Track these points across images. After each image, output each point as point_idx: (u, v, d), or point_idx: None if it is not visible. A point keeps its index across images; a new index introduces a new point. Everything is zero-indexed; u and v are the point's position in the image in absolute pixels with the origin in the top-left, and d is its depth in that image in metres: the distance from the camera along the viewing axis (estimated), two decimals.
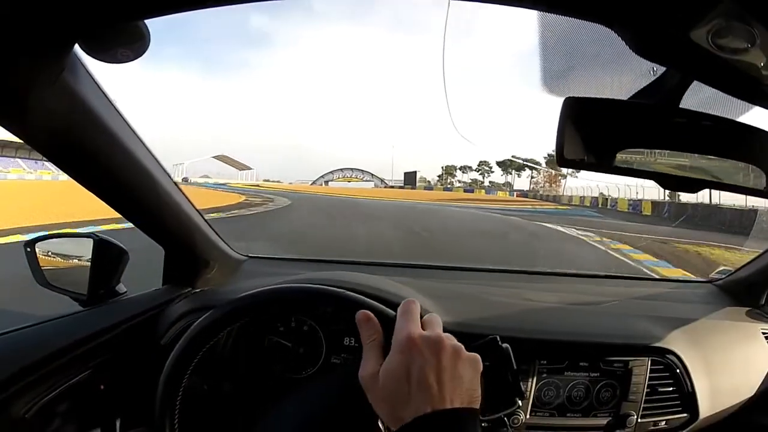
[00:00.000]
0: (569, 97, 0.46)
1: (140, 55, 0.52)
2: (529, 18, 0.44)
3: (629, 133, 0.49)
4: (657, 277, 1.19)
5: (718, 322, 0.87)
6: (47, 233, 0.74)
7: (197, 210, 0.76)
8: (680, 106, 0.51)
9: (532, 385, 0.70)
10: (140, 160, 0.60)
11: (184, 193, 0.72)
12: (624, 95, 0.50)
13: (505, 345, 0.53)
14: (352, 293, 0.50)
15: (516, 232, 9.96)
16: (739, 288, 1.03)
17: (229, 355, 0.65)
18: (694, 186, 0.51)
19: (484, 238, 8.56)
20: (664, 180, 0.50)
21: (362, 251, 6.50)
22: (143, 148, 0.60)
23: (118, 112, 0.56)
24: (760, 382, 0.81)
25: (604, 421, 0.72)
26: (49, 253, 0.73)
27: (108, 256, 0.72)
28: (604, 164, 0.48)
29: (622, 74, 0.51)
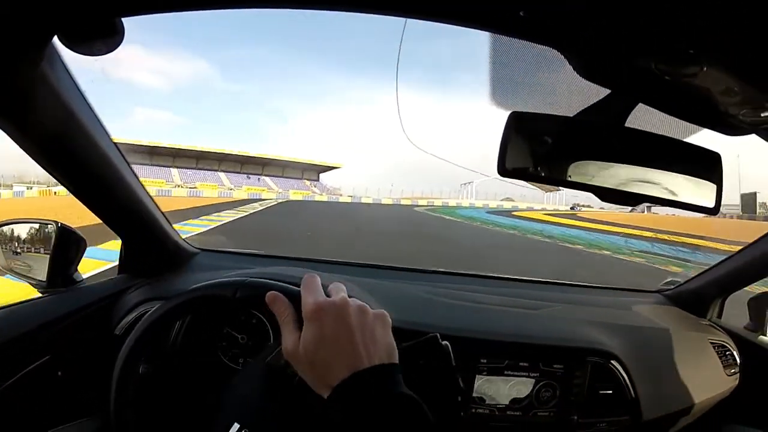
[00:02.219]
0: (515, 111, 0.51)
1: (113, 50, 0.57)
2: (482, 36, 0.50)
3: (573, 148, 0.54)
4: (607, 285, 1.24)
5: (665, 331, 0.93)
6: (9, 219, 0.77)
7: (155, 203, 0.81)
8: (626, 125, 0.57)
9: (473, 383, 0.74)
10: (106, 152, 0.64)
11: (143, 187, 0.76)
12: (571, 112, 0.56)
13: (444, 342, 0.57)
14: (278, 283, 0.54)
15: None
16: (687, 299, 1.10)
17: (181, 343, 0.69)
18: (634, 199, 0.56)
19: None
20: (603, 193, 0.55)
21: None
22: (110, 142, 0.64)
23: (89, 105, 0.60)
24: (710, 390, 0.87)
25: (544, 420, 0.77)
26: (9, 238, 0.77)
27: (68, 243, 0.75)
28: (544, 176, 0.53)
29: (569, 93, 0.57)
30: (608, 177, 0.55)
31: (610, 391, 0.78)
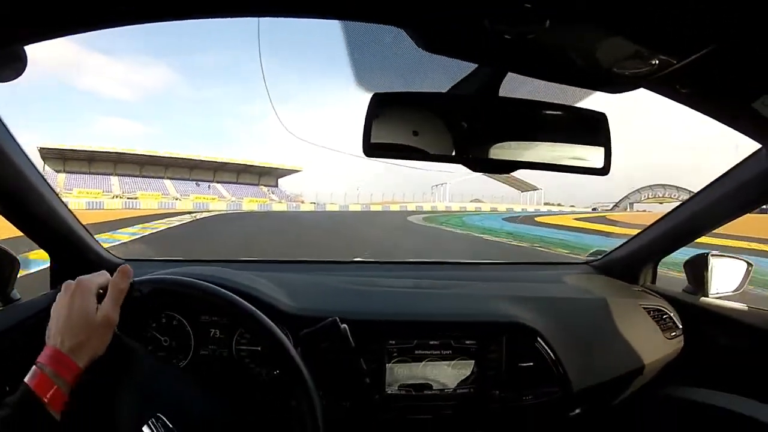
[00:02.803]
0: (377, 93, 0.53)
1: (19, 76, 0.63)
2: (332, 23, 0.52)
3: (443, 123, 0.55)
4: (532, 261, 1.22)
5: (592, 300, 0.92)
6: None
7: (75, 216, 0.85)
8: (502, 95, 0.58)
9: (384, 365, 0.75)
10: (24, 171, 0.68)
11: (63, 201, 0.81)
12: (443, 88, 0.57)
13: (343, 326, 0.60)
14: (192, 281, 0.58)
15: None
16: (615, 267, 1.08)
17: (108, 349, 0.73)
18: (510, 167, 0.57)
19: None
20: (474, 163, 0.56)
21: None
22: (26, 159, 0.68)
23: (3, 124, 0.66)
24: (649, 354, 0.85)
25: (464, 397, 0.77)
26: None
27: (2, 263, 0.80)
28: (414, 153, 0.55)
29: (437, 71, 0.58)
30: (481, 147, 0.56)
31: (531, 364, 0.78)
